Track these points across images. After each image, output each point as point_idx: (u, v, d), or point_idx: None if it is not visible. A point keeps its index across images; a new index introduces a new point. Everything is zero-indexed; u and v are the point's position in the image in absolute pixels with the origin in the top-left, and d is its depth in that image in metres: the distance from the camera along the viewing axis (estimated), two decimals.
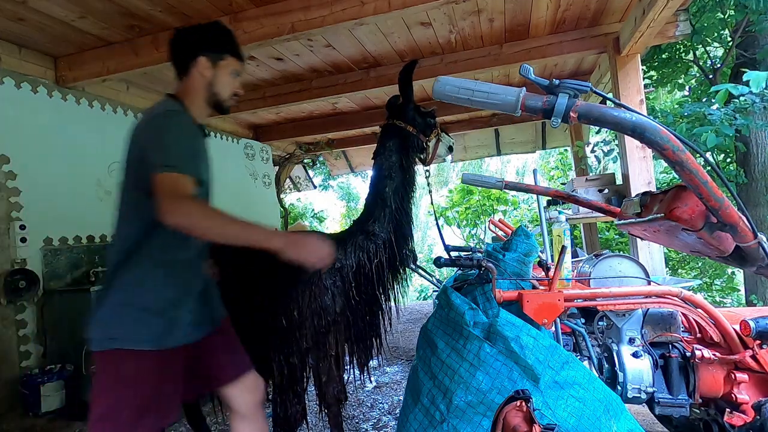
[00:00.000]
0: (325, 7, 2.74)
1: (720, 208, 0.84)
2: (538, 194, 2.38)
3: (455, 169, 15.13)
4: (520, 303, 1.33)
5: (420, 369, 1.33)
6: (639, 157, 3.22)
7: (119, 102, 3.99)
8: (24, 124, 3.19)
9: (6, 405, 2.93)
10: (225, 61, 1.45)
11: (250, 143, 5.90)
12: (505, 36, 3.67)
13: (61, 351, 3.14)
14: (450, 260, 1.56)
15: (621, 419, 1.10)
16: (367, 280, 1.88)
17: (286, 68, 4.01)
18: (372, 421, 2.65)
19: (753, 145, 3.98)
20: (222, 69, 1.45)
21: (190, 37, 1.44)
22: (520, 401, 0.83)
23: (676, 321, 1.58)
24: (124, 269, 1.26)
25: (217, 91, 1.45)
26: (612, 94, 3.48)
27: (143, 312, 1.24)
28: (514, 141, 7.12)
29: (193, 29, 1.46)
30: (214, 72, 1.44)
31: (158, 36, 3.11)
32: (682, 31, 3.19)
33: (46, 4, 2.69)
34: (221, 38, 1.48)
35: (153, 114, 1.34)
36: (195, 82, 1.43)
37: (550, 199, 3.72)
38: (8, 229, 3.02)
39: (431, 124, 2.03)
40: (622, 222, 1.45)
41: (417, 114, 1.99)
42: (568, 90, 0.75)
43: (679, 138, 0.75)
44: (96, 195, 3.67)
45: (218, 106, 1.49)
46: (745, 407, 1.37)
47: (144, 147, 1.26)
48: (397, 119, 1.96)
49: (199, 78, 1.42)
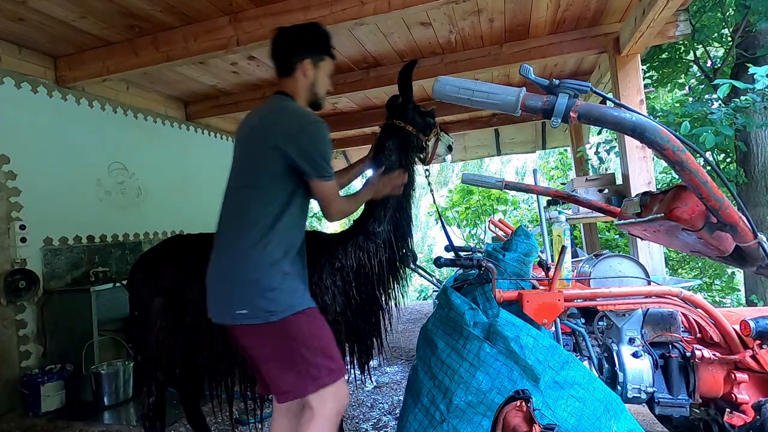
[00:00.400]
0: (325, 7, 2.74)
1: (720, 208, 0.84)
2: (538, 194, 2.38)
3: (455, 169, 15.12)
4: (520, 303, 1.33)
5: (420, 369, 1.33)
6: (639, 157, 3.22)
7: (119, 102, 3.99)
8: (24, 124, 3.19)
9: (6, 405, 2.94)
10: (324, 62, 1.57)
11: None
12: (505, 36, 3.67)
13: (61, 351, 3.15)
14: (450, 260, 1.56)
15: (621, 419, 1.10)
16: (368, 279, 1.88)
17: None
18: (372, 421, 2.65)
19: (753, 144, 3.98)
20: (321, 70, 1.57)
21: (296, 39, 1.54)
22: (520, 401, 0.83)
23: (676, 321, 1.58)
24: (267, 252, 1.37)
25: (317, 91, 1.57)
26: (612, 94, 3.48)
27: (298, 280, 1.43)
28: (514, 141, 7.12)
29: (297, 31, 1.56)
30: (315, 73, 1.55)
31: (158, 36, 3.11)
32: (682, 31, 3.19)
33: (46, 4, 2.69)
34: (323, 41, 1.58)
35: (295, 114, 1.44)
36: (299, 83, 1.54)
37: (550, 199, 3.72)
38: (8, 229, 3.03)
39: (430, 123, 2.03)
40: (622, 222, 1.45)
41: (416, 114, 1.99)
42: (568, 90, 0.75)
43: (679, 138, 0.75)
44: (96, 195, 3.67)
45: (316, 103, 1.60)
46: (745, 407, 1.37)
47: (297, 149, 1.37)
48: (396, 119, 1.96)
49: (303, 79, 1.53)
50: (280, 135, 1.39)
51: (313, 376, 1.35)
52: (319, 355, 1.37)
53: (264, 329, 1.35)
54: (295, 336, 1.36)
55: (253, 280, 1.35)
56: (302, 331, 1.37)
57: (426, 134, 2.00)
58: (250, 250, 1.36)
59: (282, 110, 1.47)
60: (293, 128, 1.39)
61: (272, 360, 1.37)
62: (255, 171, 1.42)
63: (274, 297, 1.34)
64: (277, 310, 1.34)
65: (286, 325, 1.35)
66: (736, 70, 3.99)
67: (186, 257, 2.00)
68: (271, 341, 1.36)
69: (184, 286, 1.93)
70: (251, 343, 1.40)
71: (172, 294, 1.93)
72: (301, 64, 1.51)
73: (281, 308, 1.35)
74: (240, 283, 1.36)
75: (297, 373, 1.35)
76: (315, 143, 1.39)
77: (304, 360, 1.35)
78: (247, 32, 2.91)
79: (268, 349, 1.37)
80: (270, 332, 1.35)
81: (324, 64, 1.57)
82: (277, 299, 1.35)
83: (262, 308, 1.33)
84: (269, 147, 1.39)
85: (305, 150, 1.37)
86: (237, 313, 1.35)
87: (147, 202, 4.16)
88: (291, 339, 1.35)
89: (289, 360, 1.35)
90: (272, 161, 1.39)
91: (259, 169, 1.41)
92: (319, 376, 1.35)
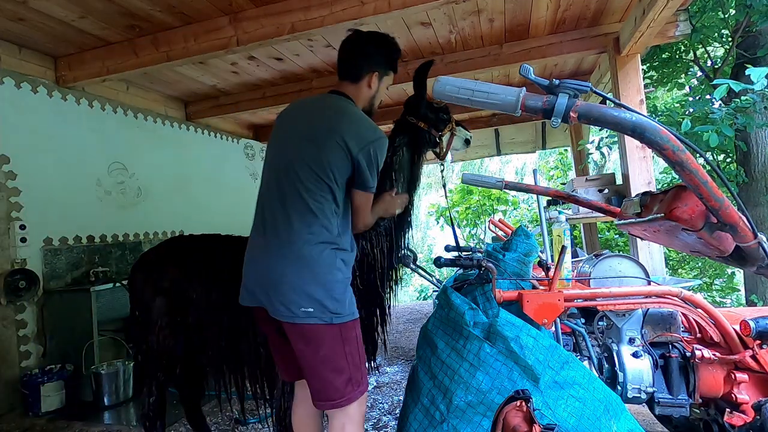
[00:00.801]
0: (325, 7, 2.74)
1: (720, 208, 0.84)
2: (538, 194, 2.38)
3: (455, 169, 15.12)
4: (520, 303, 1.33)
5: (420, 369, 1.33)
6: (639, 157, 3.22)
7: (119, 102, 3.99)
8: (24, 124, 3.19)
9: (6, 405, 2.93)
10: (388, 76, 1.63)
11: (250, 143, 5.90)
12: (505, 36, 3.66)
13: (61, 351, 3.15)
14: (450, 260, 1.56)
15: (621, 419, 1.10)
16: (371, 268, 1.91)
17: (286, 68, 4.01)
18: (372, 421, 2.65)
19: (753, 144, 3.98)
20: (384, 83, 1.62)
21: (371, 50, 1.57)
22: (520, 401, 0.83)
23: (676, 321, 1.58)
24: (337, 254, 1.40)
25: (374, 102, 1.63)
26: (612, 94, 3.48)
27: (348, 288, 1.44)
28: (514, 141, 7.12)
29: (374, 42, 1.58)
30: (379, 85, 1.60)
31: (158, 36, 3.11)
32: (682, 31, 3.19)
33: (46, 4, 2.69)
34: (394, 57, 1.62)
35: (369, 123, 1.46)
36: (362, 91, 1.57)
37: (550, 199, 3.72)
38: (8, 229, 3.03)
39: (444, 119, 2.06)
40: (622, 222, 1.45)
41: (429, 110, 2.02)
42: (568, 90, 0.75)
43: (679, 138, 0.75)
44: (96, 195, 3.67)
45: (369, 112, 1.62)
46: (745, 407, 1.37)
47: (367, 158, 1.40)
48: (409, 115, 2.01)
49: (366, 89, 1.58)
50: (353, 137, 1.39)
51: (357, 382, 1.40)
52: (362, 363, 1.44)
53: (324, 330, 1.35)
54: (350, 341, 1.39)
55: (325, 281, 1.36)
56: (356, 337, 1.42)
57: (439, 129, 2.02)
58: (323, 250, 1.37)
59: (352, 113, 1.47)
60: (368, 137, 1.41)
61: (326, 362, 1.37)
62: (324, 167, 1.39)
63: (341, 300, 1.37)
64: (343, 313, 1.37)
65: (347, 329, 1.39)
66: (736, 70, 3.99)
67: (188, 258, 2.00)
68: (329, 343, 1.36)
69: (187, 287, 1.93)
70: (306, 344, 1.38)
71: (174, 294, 1.93)
72: (369, 75, 1.56)
73: (346, 312, 1.38)
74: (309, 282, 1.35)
75: (347, 378, 1.37)
76: (380, 158, 1.44)
77: (354, 365, 1.39)
78: (247, 32, 2.91)
79: (324, 351, 1.36)
80: (330, 334, 1.36)
81: (387, 79, 1.63)
82: (343, 302, 1.38)
83: (330, 309, 1.35)
84: (336, 143, 1.38)
85: (372, 161, 1.41)
86: (302, 310, 1.34)
87: (147, 202, 4.16)
88: (347, 343, 1.38)
89: (341, 364, 1.37)
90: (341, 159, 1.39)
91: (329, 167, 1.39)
92: (362, 382, 1.42)
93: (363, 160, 1.39)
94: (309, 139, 1.43)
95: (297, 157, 1.42)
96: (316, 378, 1.39)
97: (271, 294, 1.38)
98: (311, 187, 1.38)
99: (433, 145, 2.04)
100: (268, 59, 3.79)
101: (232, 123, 5.62)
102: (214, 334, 1.91)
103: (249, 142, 5.86)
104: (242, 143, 5.74)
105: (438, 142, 2.03)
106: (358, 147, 1.38)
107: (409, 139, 1.98)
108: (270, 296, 1.38)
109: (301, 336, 1.37)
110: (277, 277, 1.37)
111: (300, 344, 1.38)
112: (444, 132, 2.04)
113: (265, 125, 6.00)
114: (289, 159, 1.44)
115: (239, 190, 5.52)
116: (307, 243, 1.36)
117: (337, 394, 1.36)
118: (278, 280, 1.37)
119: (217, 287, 1.92)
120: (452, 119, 2.09)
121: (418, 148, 1.99)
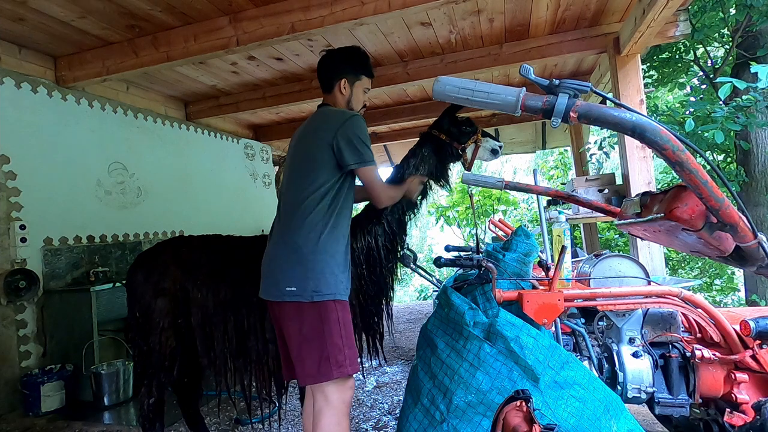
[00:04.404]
0: (325, 7, 2.74)
1: (720, 208, 0.84)
2: (538, 194, 2.38)
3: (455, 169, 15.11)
4: (520, 303, 1.33)
5: (420, 369, 1.33)
6: (639, 157, 3.22)
7: (119, 102, 3.99)
8: (24, 124, 3.19)
9: (6, 405, 2.94)
10: (360, 81, 1.77)
11: (250, 143, 5.90)
12: (505, 36, 3.67)
13: (61, 351, 3.15)
14: (450, 260, 1.56)
15: (621, 419, 1.10)
16: (375, 261, 1.96)
17: (286, 68, 4.01)
18: (372, 421, 2.65)
19: (753, 144, 3.98)
20: (357, 88, 1.77)
21: (334, 62, 1.75)
22: (520, 401, 0.83)
23: (676, 321, 1.58)
24: (322, 239, 1.52)
25: (353, 106, 1.77)
26: (612, 94, 3.48)
27: (346, 273, 1.57)
28: (514, 141, 7.12)
29: (336, 54, 1.77)
30: (351, 90, 1.76)
31: (158, 36, 3.11)
32: (682, 31, 3.18)
33: (46, 4, 2.69)
34: (359, 62, 1.77)
35: (337, 112, 1.67)
36: (337, 98, 1.75)
37: (550, 199, 3.72)
38: (8, 229, 3.03)
39: (467, 131, 2.13)
40: (622, 222, 1.45)
41: (451, 124, 2.10)
42: (568, 90, 0.75)
43: (679, 138, 0.75)
44: (96, 195, 3.67)
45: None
46: (745, 407, 1.37)
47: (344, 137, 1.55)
48: (433, 129, 2.11)
49: (340, 95, 1.75)
50: (326, 130, 1.57)
51: (339, 363, 1.46)
52: (346, 346, 1.49)
53: (306, 308, 1.46)
54: (331, 321, 1.47)
55: (307, 260, 1.48)
56: (338, 318, 1.49)
57: (462, 142, 2.11)
58: (313, 236, 1.50)
59: (326, 113, 1.69)
60: (337, 122, 1.58)
61: (306, 341, 1.47)
62: (310, 164, 1.58)
63: (321, 278, 1.47)
64: (323, 291, 1.47)
65: (327, 309, 1.47)
66: (737, 70, 3.99)
67: (189, 258, 2.00)
68: (309, 321, 1.46)
69: (188, 287, 1.93)
70: (290, 322, 1.49)
71: (174, 295, 1.94)
72: (338, 82, 1.73)
73: (326, 291, 1.47)
74: (294, 263, 1.49)
75: (326, 357, 1.45)
76: (357, 131, 1.56)
77: (334, 345, 1.46)
78: (247, 32, 2.91)
79: (305, 329, 1.47)
80: (310, 312, 1.46)
81: (360, 83, 1.77)
82: (325, 282, 1.47)
83: (310, 287, 1.46)
84: (322, 144, 1.56)
85: (351, 137, 1.54)
86: (286, 289, 1.47)
87: (147, 202, 4.16)
88: (327, 322, 1.47)
89: (321, 343, 1.46)
90: (326, 156, 1.56)
91: (314, 163, 1.57)
92: (344, 364, 1.47)
93: (342, 141, 1.54)
94: (303, 143, 1.66)
95: (297, 158, 1.66)
96: (296, 354, 1.49)
97: (266, 278, 1.57)
98: (307, 183, 1.56)
99: (456, 158, 2.13)
100: (268, 59, 3.79)
101: (232, 123, 5.62)
102: (222, 333, 1.92)
103: (249, 142, 5.86)
104: (242, 143, 5.74)
105: (461, 154, 2.12)
106: (332, 134, 1.55)
107: (431, 150, 2.08)
108: (265, 280, 1.57)
109: (287, 315, 1.49)
110: (271, 261, 1.57)
111: (286, 323, 1.50)
112: (467, 144, 2.11)
113: (265, 125, 6.00)
114: (293, 161, 1.68)
115: (239, 190, 5.52)
116: (300, 229, 1.52)
117: (313, 369, 1.45)
118: (271, 265, 1.56)
119: (217, 287, 1.93)
120: (478, 130, 2.16)
121: (441, 159, 2.09)
